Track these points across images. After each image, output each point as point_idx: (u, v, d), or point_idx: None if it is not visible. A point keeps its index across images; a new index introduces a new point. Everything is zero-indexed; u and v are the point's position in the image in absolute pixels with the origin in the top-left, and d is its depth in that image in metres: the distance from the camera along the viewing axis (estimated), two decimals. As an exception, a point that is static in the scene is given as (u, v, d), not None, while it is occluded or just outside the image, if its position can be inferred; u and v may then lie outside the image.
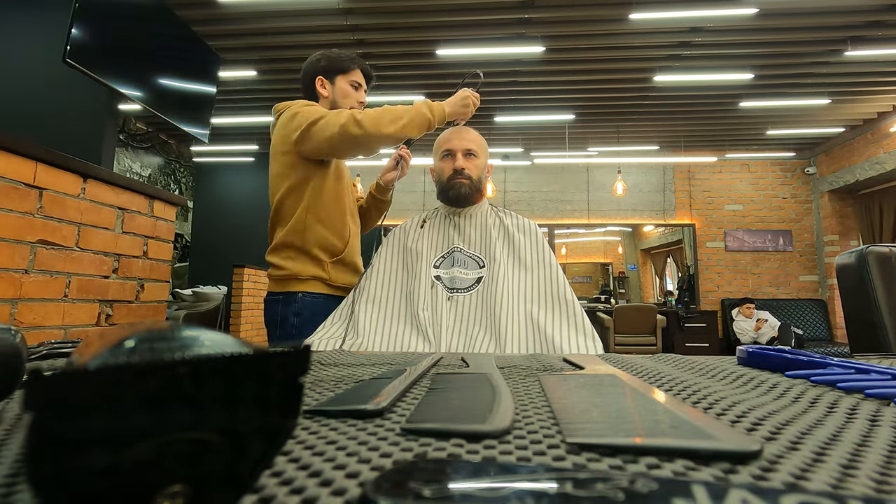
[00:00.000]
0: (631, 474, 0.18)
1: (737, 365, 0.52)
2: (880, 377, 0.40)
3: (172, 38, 2.67)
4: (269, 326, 1.27)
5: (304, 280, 1.23)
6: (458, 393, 0.35)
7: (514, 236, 1.12)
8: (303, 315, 1.21)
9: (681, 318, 5.70)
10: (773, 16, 3.46)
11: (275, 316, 1.24)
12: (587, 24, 3.63)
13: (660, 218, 6.37)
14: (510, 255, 1.09)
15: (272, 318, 1.25)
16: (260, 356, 0.15)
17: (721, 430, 0.23)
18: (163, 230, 1.78)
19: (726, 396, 0.34)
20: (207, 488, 0.14)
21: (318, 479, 0.18)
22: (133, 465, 0.13)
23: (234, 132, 5.91)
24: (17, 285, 1.22)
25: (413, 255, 1.11)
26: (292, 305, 1.22)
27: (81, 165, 1.40)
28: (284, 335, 1.22)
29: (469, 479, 0.17)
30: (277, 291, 1.25)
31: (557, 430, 0.25)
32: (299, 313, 1.22)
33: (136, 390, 0.13)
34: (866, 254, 1.10)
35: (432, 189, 1.21)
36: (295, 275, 1.23)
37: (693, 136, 5.87)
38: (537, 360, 0.56)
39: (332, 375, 0.44)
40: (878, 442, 0.23)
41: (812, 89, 4.54)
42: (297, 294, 1.23)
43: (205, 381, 0.14)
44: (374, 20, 3.63)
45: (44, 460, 0.12)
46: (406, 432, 0.25)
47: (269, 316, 1.26)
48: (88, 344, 0.19)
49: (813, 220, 6.18)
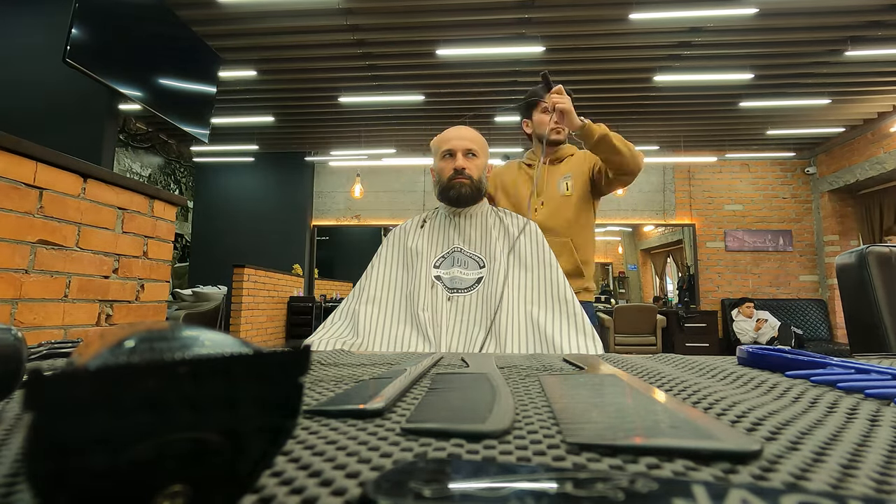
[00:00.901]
0: (631, 474, 0.18)
1: (737, 365, 0.52)
2: (880, 377, 0.40)
3: (172, 38, 2.67)
4: None
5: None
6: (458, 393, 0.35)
7: (514, 236, 1.12)
8: None
9: (681, 318, 5.70)
10: (773, 16, 3.46)
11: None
12: (587, 24, 3.63)
13: (660, 218, 6.37)
14: (510, 255, 1.09)
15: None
16: (260, 356, 0.15)
17: (721, 430, 0.23)
18: (163, 230, 1.78)
19: (726, 396, 0.34)
20: (207, 488, 0.14)
21: (318, 479, 0.18)
22: (133, 466, 0.13)
23: (235, 132, 5.92)
24: (17, 285, 1.22)
25: (413, 254, 1.11)
26: None
27: (81, 165, 1.40)
28: None
29: (469, 479, 0.17)
30: None
31: (557, 430, 0.25)
32: None
33: (136, 390, 0.13)
34: (866, 254, 1.10)
35: (432, 189, 1.21)
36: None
37: (693, 136, 5.87)
38: (537, 360, 0.56)
39: (332, 375, 0.44)
40: (878, 442, 0.23)
41: (812, 89, 4.54)
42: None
43: (205, 381, 0.14)
44: (374, 20, 3.63)
45: (44, 460, 0.12)
46: (406, 432, 0.25)
47: None
48: (88, 344, 0.19)
49: (813, 220, 6.18)
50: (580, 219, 1.49)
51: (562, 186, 1.52)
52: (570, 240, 1.47)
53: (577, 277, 1.45)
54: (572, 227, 1.48)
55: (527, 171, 1.59)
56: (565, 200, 1.50)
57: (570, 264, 1.44)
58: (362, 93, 4.79)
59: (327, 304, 6.11)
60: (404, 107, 5.08)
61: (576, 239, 1.48)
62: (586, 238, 1.51)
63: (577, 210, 1.49)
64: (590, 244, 1.52)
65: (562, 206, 1.49)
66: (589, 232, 1.52)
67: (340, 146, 6.37)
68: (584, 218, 1.50)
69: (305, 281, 6.41)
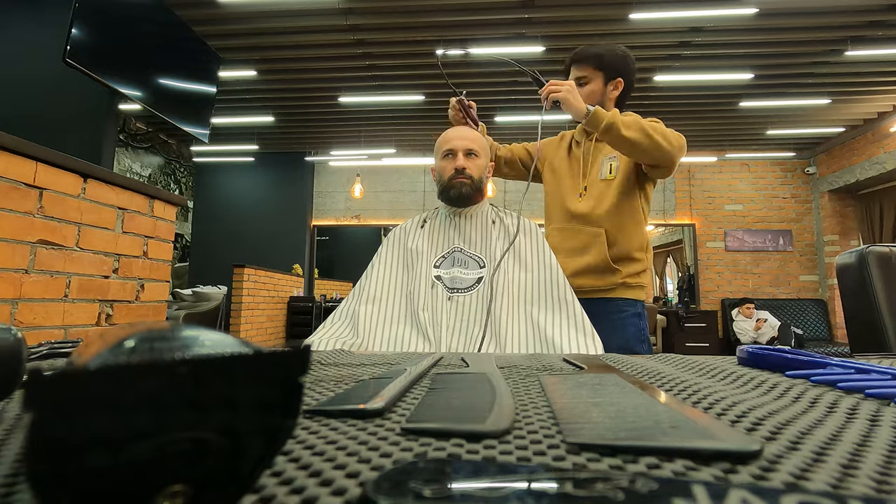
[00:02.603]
0: (631, 474, 0.18)
1: (737, 365, 0.52)
2: (880, 377, 0.40)
3: (172, 38, 2.67)
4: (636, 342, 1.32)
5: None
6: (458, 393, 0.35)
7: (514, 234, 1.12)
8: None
9: (681, 317, 5.70)
10: (773, 16, 3.46)
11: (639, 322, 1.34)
12: (587, 23, 3.63)
13: (660, 217, 6.37)
14: (511, 254, 1.09)
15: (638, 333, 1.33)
16: (260, 356, 0.15)
17: (721, 430, 0.23)
18: (163, 230, 1.78)
19: (726, 396, 0.34)
20: (207, 488, 0.14)
21: (318, 478, 0.18)
22: (133, 465, 0.13)
23: (235, 132, 5.92)
24: (17, 285, 1.22)
25: (413, 254, 1.11)
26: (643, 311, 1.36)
27: (81, 165, 1.40)
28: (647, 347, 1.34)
29: (469, 479, 0.17)
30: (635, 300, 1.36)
31: (557, 430, 0.25)
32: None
33: (136, 390, 0.13)
34: (866, 254, 1.10)
35: (432, 189, 1.21)
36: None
37: (693, 136, 5.86)
38: (537, 359, 0.56)
39: (332, 375, 0.44)
40: (879, 442, 0.23)
41: (812, 89, 4.54)
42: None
43: (205, 381, 0.14)
44: (374, 20, 3.63)
45: (44, 460, 0.12)
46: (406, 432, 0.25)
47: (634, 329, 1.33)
48: (88, 344, 0.19)
49: (813, 220, 6.18)
50: (622, 206, 1.32)
51: (605, 169, 1.36)
52: (603, 231, 1.31)
53: (607, 273, 1.32)
54: (611, 217, 1.32)
55: (574, 151, 1.46)
56: (607, 186, 1.34)
57: (598, 257, 1.31)
58: (362, 93, 4.79)
59: (327, 304, 6.11)
60: (404, 107, 5.08)
61: (612, 230, 1.32)
62: (628, 229, 1.33)
63: (619, 196, 1.32)
64: (633, 235, 1.34)
65: (604, 193, 1.34)
66: (631, 221, 1.34)
67: (340, 146, 6.37)
68: (627, 205, 1.33)
69: (305, 281, 6.41)
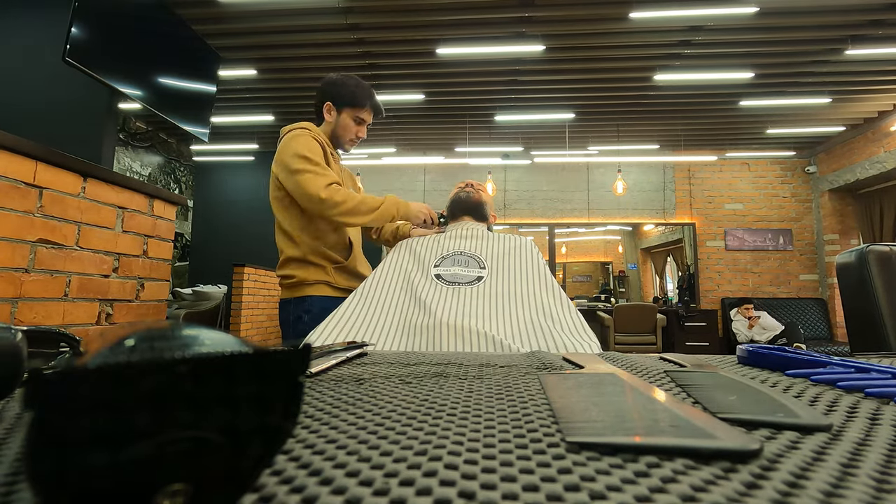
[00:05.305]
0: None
1: (737, 364, 0.52)
2: (880, 376, 0.40)
3: (172, 37, 2.67)
4: (284, 326, 1.39)
5: (311, 284, 1.36)
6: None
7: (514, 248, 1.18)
8: (312, 312, 1.33)
9: (681, 317, 5.71)
10: (774, 14, 3.46)
11: (288, 316, 1.37)
12: (587, 23, 3.63)
13: (660, 217, 6.37)
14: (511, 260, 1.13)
15: (286, 318, 1.38)
16: (260, 355, 0.15)
17: (721, 429, 0.23)
18: (163, 229, 1.78)
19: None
20: (207, 487, 0.14)
21: (318, 477, 0.18)
22: (133, 464, 0.13)
23: (235, 131, 5.91)
24: (17, 284, 1.22)
25: (414, 255, 1.16)
26: (303, 305, 1.35)
27: (81, 164, 1.40)
28: (297, 333, 1.35)
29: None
30: (289, 297, 1.39)
31: (557, 428, 0.25)
32: (309, 310, 1.34)
33: (136, 389, 0.13)
34: (867, 253, 1.10)
35: (432, 188, 1.23)
36: (302, 280, 1.35)
37: (693, 135, 5.86)
38: (537, 358, 0.56)
39: (333, 375, 0.44)
40: (879, 441, 0.23)
41: (812, 88, 4.53)
42: (306, 297, 1.36)
43: (205, 380, 0.14)
44: (374, 19, 3.63)
45: (44, 459, 0.12)
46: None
47: (283, 316, 1.39)
48: (88, 343, 0.19)
49: (813, 219, 6.17)
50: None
51: None
52: None
53: None
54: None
55: None
56: None
57: None
58: (362, 92, 4.78)
59: (327, 303, 6.10)
60: (404, 106, 5.08)
61: None
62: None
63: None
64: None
65: None
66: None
67: (340, 145, 6.36)
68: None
69: (305, 280, 6.40)
